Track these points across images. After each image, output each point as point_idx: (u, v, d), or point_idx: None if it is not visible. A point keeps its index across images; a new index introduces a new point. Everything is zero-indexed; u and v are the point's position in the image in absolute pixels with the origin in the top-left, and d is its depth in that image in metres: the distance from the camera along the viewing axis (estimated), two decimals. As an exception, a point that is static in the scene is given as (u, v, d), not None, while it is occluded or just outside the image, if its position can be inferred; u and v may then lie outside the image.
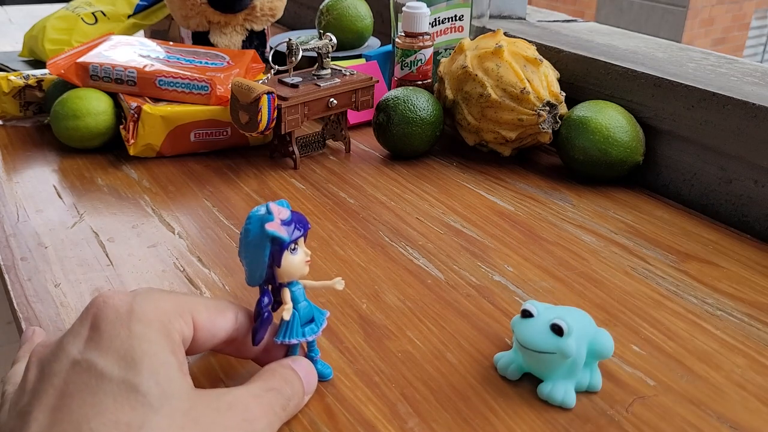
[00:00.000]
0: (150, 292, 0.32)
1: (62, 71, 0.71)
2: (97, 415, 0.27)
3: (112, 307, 0.31)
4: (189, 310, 0.33)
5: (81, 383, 0.28)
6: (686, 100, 0.61)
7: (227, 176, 0.66)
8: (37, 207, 0.60)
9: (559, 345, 0.36)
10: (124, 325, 0.30)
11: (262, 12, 0.82)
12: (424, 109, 0.68)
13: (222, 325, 0.34)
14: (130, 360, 0.29)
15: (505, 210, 0.60)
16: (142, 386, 0.28)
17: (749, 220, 0.58)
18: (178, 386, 0.29)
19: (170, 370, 0.30)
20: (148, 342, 0.30)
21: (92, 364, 0.29)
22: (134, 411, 0.28)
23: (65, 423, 0.27)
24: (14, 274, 0.50)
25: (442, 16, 0.77)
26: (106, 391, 0.28)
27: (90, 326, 0.30)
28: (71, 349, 0.30)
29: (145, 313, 0.31)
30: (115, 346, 0.29)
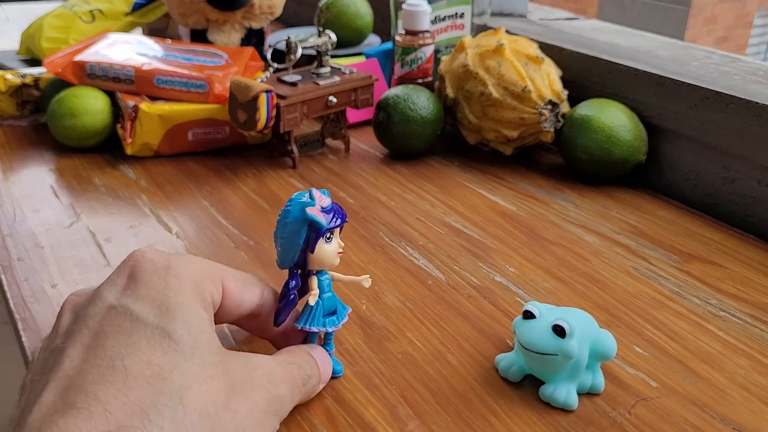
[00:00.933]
0: (185, 255, 0.34)
1: (59, 70, 0.70)
2: (131, 354, 0.28)
3: (150, 260, 0.32)
4: (220, 276, 0.34)
5: (116, 325, 0.29)
6: (689, 99, 0.61)
7: (225, 176, 0.66)
8: (34, 207, 0.59)
9: (562, 346, 0.36)
10: (160, 277, 0.31)
11: (261, 10, 0.81)
12: (424, 107, 0.68)
13: (249, 297, 0.35)
14: (164, 308, 0.30)
15: (507, 210, 0.60)
16: (175, 333, 0.29)
17: (753, 220, 0.58)
18: (208, 339, 0.30)
19: (202, 323, 0.31)
20: (183, 295, 0.31)
21: (128, 309, 0.30)
22: (166, 355, 0.29)
23: (98, 358, 0.28)
24: (11, 274, 0.49)
25: (442, 13, 0.77)
26: (140, 333, 0.29)
27: (128, 276, 0.31)
28: (108, 296, 0.31)
29: (180, 271, 0.32)
30: (151, 295, 0.30)
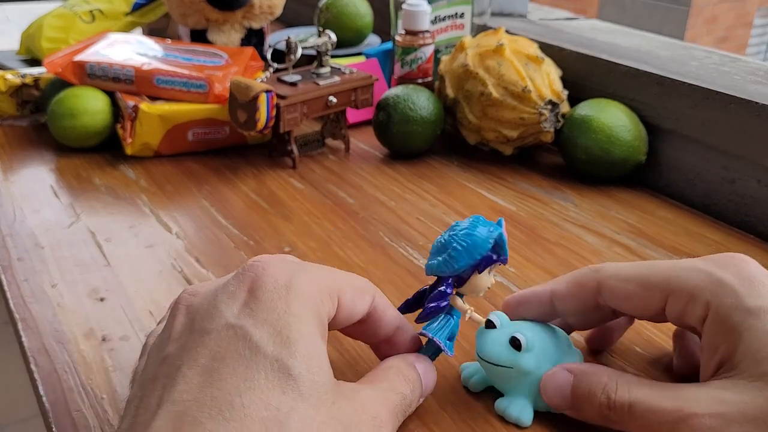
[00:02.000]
0: (307, 266, 0.31)
1: (59, 70, 0.70)
2: (248, 390, 0.26)
3: (272, 276, 0.30)
4: (337, 289, 0.32)
5: (234, 350, 0.27)
6: (689, 98, 0.61)
7: (225, 176, 0.66)
8: (34, 207, 0.59)
9: (516, 360, 0.35)
10: (282, 298, 0.29)
11: (261, 10, 0.81)
12: (424, 107, 0.68)
13: (360, 307, 0.33)
14: (285, 339, 0.28)
15: (507, 210, 0.60)
16: (295, 369, 0.27)
17: (752, 220, 0.58)
18: (326, 377, 0.29)
19: (322, 358, 0.29)
20: (304, 323, 0.29)
21: (247, 333, 0.28)
22: (284, 395, 0.27)
23: (215, 389, 0.26)
24: (11, 274, 0.49)
25: (442, 13, 0.76)
26: (258, 365, 0.27)
27: (248, 291, 0.29)
28: (226, 311, 0.29)
29: (302, 290, 0.30)
30: (272, 320, 0.28)
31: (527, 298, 0.38)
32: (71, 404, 0.37)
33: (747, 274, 0.32)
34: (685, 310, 0.32)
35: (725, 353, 0.31)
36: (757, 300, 0.31)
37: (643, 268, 0.34)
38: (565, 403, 0.34)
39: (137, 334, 0.43)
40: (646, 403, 0.31)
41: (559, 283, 0.37)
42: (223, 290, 0.30)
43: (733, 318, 0.31)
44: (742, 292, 0.31)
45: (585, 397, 0.33)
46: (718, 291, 0.31)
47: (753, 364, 0.29)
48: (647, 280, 0.34)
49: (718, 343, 0.31)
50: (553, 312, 0.37)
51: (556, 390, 0.34)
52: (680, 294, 0.32)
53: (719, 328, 0.31)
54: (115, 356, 0.41)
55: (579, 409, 0.34)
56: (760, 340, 0.30)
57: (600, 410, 0.33)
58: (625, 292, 0.34)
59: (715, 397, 0.30)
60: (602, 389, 0.33)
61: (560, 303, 0.36)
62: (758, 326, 0.30)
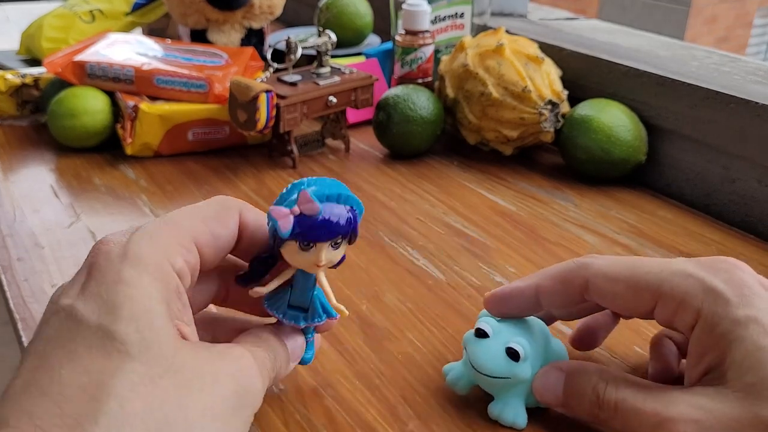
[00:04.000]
0: (147, 228, 0.30)
1: (59, 70, 0.70)
2: (69, 362, 0.26)
3: (105, 252, 0.29)
4: (189, 234, 0.31)
5: (61, 329, 0.27)
6: (689, 98, 0.61)
7: (225, 175, 0.66)
8: (34, 207, 0.59)
9: (515, 370, 0.34)
10: (114, 269, 0.28)
11: (261, 10, 0.81)
12: (424, 107, 0.68)
13: (226, 234, 0.32)
14: (110, 306, 0.27)
15: (507, 210, 0.60)
16: (119, 333, 0.27)
17: (753, 220, 0.58)
18: (160, 334, 0.27)
19: (154, 317, 0.28)
20: (135, 287, 0.28)
21: (74, 310, 0.27)
22: (107, 358, 0.26)
23: (41, 369, 0.26)
24: (11, 274, 0.49)
25: (442, 13, 0.76)
26: (81, 336, 0.27)
27: (86, 273, 0.29)
28: (62, 297, 0.28)
29: (139, 256, 0.29)
30: (100, 292, 0.28)
31: (511, 294, 0.36)
32: (71, 404, 0.37)
33: (738, 280, 0.32)
34: (674, 315, 0.32)
35: (712, 362, 0.31)
36: (746, 309, 0.30)
37: (632, 268, 0.34)
38: (557, 401, 0.34)
39: (137, 334, 0.43)
40: (629, 403, 0.31)
41: (544, 279, 0.36)
42: (71, 279, 0.30)
43: (721, 327, 0.30)
44: (733, 300, 0.31)
45: (576, 396, 0.33)
46: (708, 299, 0.31)
47: (738, 374, 0.29)
48: (636, 282, 0.33)
49: (706, 351, 0.31)
50: (537, 307, 0.36)
51: (548, 389, 0.35)
52: (670, 299, 0.32)
53: (708, 336, 0.31)
54: (115, 356, 0.41)
55: (570, 406, 0.34)
56: (746, 350, 0.29)
57: (590, 408, 0.33)
58: (613, 293, 0.34)
59: (694, 404, 0.30)
60: (592, 388, 0.33)
61: (546, 299, 0.36)
62: (746, 336, 0.30)
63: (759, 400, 0.28)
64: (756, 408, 0.28)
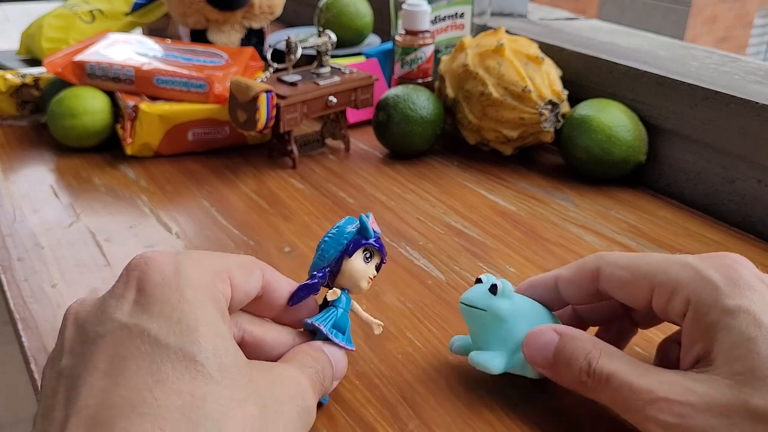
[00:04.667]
0: (191, 254, 0.31)
1: (59, 70, 0.70)
2: (158, 383, 0.26)
3: (157, 269, 0.29)
4: (226, 270, 0.32)
5: (134, 348, 0.27)
6: (689, 98, 0.61)
7: (225, 176, 0.66)
8: (34, 207, 0.59)
9: (491, 303, 0.35)
10: (173, 288, 0.28)
11: (261, 10, 0.81)
12: (424, 107, 0.68)
13: (253, 283, 0.33)
14: (185, 327, 0.27)
15: (507, 210, 0.60)
16: (200, 355, 0.27)
17: (753, 220, 0.58)
18: (234, 357, 0.28)
19: (227, 340, 0.28)
20: (201, 308, 0.28)
21: (144, 329, 0.27)
22: (195, 381, 0.26)
23: (122, 388, 0.26)
24: (11, 274, 0.49)
25: (442, 13, 0.76)
26: (162, 358, 0.26)
27: (136, 289, 0.29)
28: (116, 313, 0.28)
29: (191, 277, 0.29)
30: (166, 312, 0.28)
31: (534, 282, 0.38)
32: (71, 404, 0.37)
33: (734, 273, 0.32)
34: (668, 303, 0.33)
35: (701, 350, 0.31)
36: (737, 300, 0.30)
37: (638, 258, 0.35)
38: (545, 362, 0.34)
39: (137, 334, 0.43)
40: (623, 376, 0.31)
41: (564, 269, 0.37)
42: (110, 295, 0.29)
43: (711, 316, 0.31)
44: (725, 291, 0.31)
45: (567, 360, 0.33)
46: (699, 288, 0.31)
47: (727, 362, 0.30)
48: (638, 270, 0.34)
49: (696, 340, 0.31)
50: (558, 297, 0.37)
51: (539, 347, 0.34)
52: (664, 287, 0.33)
53: (697, 325, 0.31)
54: (115, 356, 0.41)
55: (558, 371, 0.34)
56: (735, 339, 0.30)
57: (579, 375, 0.33)
58: (619, 280, 0.34)
59: (688, 387, 0.30)
60: (585, 356, 0.33)
61: (564, 288, 0.37)
62: (735, 326, 0.30)
63: (747, 388, 0.29)
64: (744, 395, 0.29)
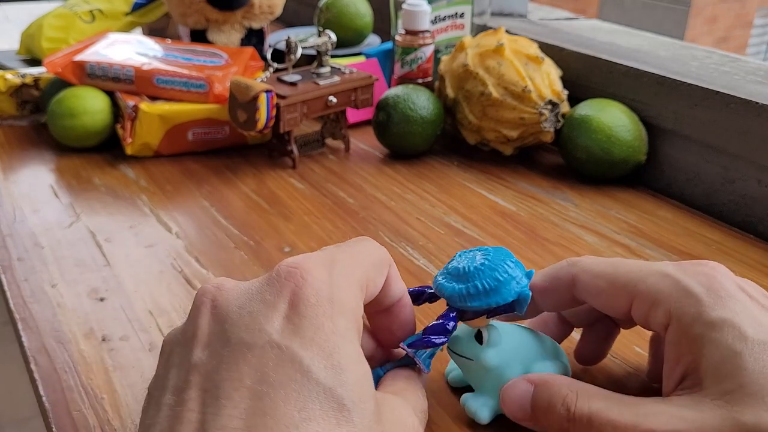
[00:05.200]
0: (343, 265, 0.29)
1: (59, 69, 0.70)
2: (305, 421, 0.25)
3: (313, 286, 0.27)
4: (366, 279, 0.30)
5: (284, 374, 0.25)
6: (689, 98, 0.61)
7: (225, 175, 0.66)
8: (34, 207, 0.59)
9: (477, 353, 0.34)
10: (327, 315, 0.27)
11: (261, 10, 0.81)
12: (424, 107, 0.68)
13: (380, 283, 0.32)
14: (336, 364, 0.26)
15: (507, 210, 0.60)
16: (347, 400, 0.26)
17: (753, 220, 0.58)
18: (374, 403, 0.27)
19: (369, 383, 0.27)
20: (351, 343, 0.27)
21: (296, 355, 0.26)
22: (339, 427, 0.25)
23: (269, 418, 0.24)
24: (11, 274, 0.49)
25: (442, 13, 0.76)
26: (312, 393, 0.25)
27: (288, 303, 0.27)
28: (267, 325, 0.26)
29: (345, 304, 0.28)
30: (319, 341, 0.26)
31: None
32: (71, 404, 0.37)
33: (715, 283, 0.31)
34: (648, 314, 0.32)
35: (688, 365, 0.30)
36: (720, 312, 0.30)
37: (615, 266, 0.34)
38: (524, 415, 0.33)
39: (137, 334, 0.43)
40: (604, 415, 0.30)
41: (538, 277, 0.36)
42: (258, 298, 0.28)
43: (694, 329, 0.30)
44: (707, 302, 0.30)
45: (545, 409, 0.32)
46: (681, 300, 0.31)
47: (715, 381, 0.29)
48: (616, 279, 0.33)
49: (680, 354, 0.30)
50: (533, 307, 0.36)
51: (515, 401, 0.33)
52: (644, 298, 0.32)
53: (681, 338, 0.30)
54: (115, 356, 0.41)
55: (539, 421, 0.33)
56: (721, 355, 0.29)
57: (560, 423, 0.31)
58: (596, 289, 0.34)
59: (674, 414, 0.29)
60: (562, 401, 0.31)
61: (539, 297, 0.36)
62: (720, 340, 0.29)
63: (738, 406, 0.28)
64: (736, 414, 0.28)
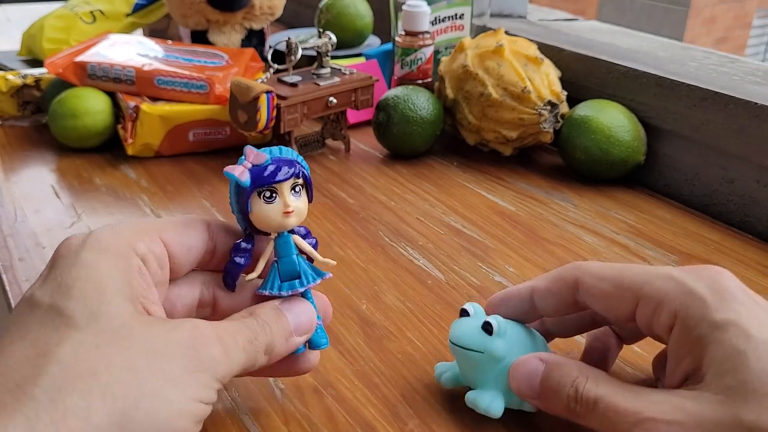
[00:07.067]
0: (115, 223, 0.32)
1: (60, 70, 0.71)
2: (20, 339, 0.27)
3: (66, 244, 0.31)
4: (156, 229, 0.32)
5: (20, 313, 0.29)
6: (688, 99, 0.61)
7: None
8: (35, 207, 0.59)
9: (487, 344, 0.34)
10: (71, 256, 0.30)
11: (261, 11, 0.82)
12: (424, 108, 0.68)
13: (194, 236, 0.33)
14: (63, 286, 0.29)
15: (506, 210, 0.60)
16: (68, 308, 0.28)
17: (751, 220, 0.58)
18: (111, 307, 0.28)
19: (106, 292, 0.29)
20: (90, 267, 0.29)
21: (33, 296, 0.29)
22: (56, 331, 0.27)
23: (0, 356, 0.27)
24: (12, 274, 0.50)
25: (442, 14, 0.77)
26: (35, 316, 0.28)
27: (49, 267, 0.31)
28: (28, 291, 0.30)
29: (99, 241, 0.30)
30: (55, 276, 0.29)
31: (509, 296, 0.37)
32: (73, 403, 0.37)
33: (721, 286, 0.31)
34: (653, 317, 0.32)
35: (690, 365, 0.30)
36: (725, 313, 0.30)
37: (620, 269, 0.34)
38: (532, 392, 0.34)
39: (138, 334, 0.43)
40: (609, 400, 0.31)
41: (539, 280, 0.36)
42: None
43: (699, 330, 0.30)
44: (712, 304, 0.30)
45: (554, 388, 0.33)
46: (687, 301, 0.31)
47: (717, 377, 0.29)
48: (621, 282, 0.33)
49: (684, 354, 0.31)
50: (533, 310, 0.36)
51: (524, 377, 0.34)
52: (650, 300, 0.32)
53: (685, 339, 0.31)
54: (117, 355, 0.41)
55: (546, 399, 0.33)
56: (725, 353, 0.29)
57: (567, 403, 0.32)
58: (600, 291, 0.34)
59: (676, 405, 0.29)
60: (572, 382, 0.32)
61: (540, 299, 0.36)
62: (724, 340, 0.29)
63: (739, 403, 0.28)
64: (736, 410, 0.28)
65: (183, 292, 0.34)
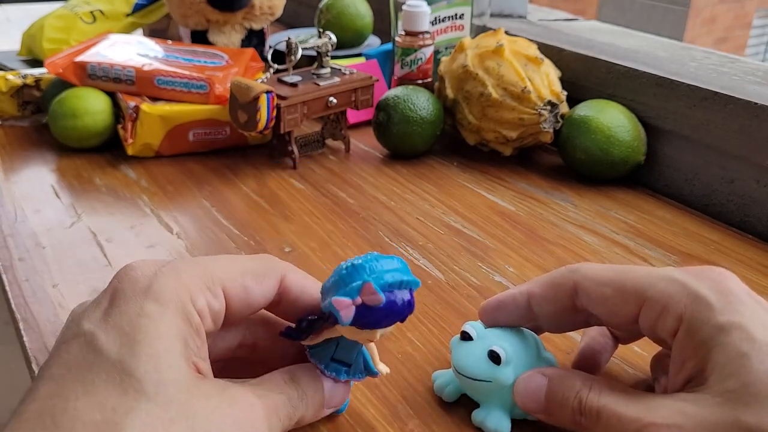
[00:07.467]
0: (176, 264, 0.30)
1: (60, 70, 0.71)
2: (86, 394, 0.26)
3: (131, 280, 0.29)
4: (219, 279, 0.31)
5: (80, 356, 0.27)
6: (688, 99, 0.61)
7: (226, 176, 0.66)
8: (35, 207, 0.59)
9: (495, 374, 0.34)
10: (137, 301, 0.29)
11: (261, 11, 0.82)
12: (424, 108, 0.68)
13: (261, 290, 0.32)
14: (131, 340, 0.27)
15: (506, 210, 0.60)
16: (138, 370, 0.27)
17: (751, 220, 0.58)
18: (177, 374, 0.28)
19: (173, 356, 0.28)
20: (156, 322, 0.28)
21: (95, 338, 0.27)
22: (125, 396, 0.26)
23: (57, 397, 0.26)
24: (12, 274, 0.50)
25: (442, 14, 0.77)
26: (100, 368, 0.27)
27: (109, 298, 0.29)
28: (84, 320, 0.29)
29: (163, 291, 0.29)
30: (122, 323, 0.28)
31: (504, 303, 0.36)
32: (73, 403, 0.37)
33: (725, 288, 0.31)
34: (658, 320, 0.32)
35: (694, 369, 0.30)
36: (730, 315, 0.30)
37: (620, 273, 0.33)
38: (538, 407, 0.34)
39: (138, 334, 0.43)
40: (611, 408, 0.31)
41: (535, 285, 0.36)
42: (92, 302, 0.30)
43: (703, 333, 0.30)
44: (717, 306, 0.30)
45: (559, 402, 0.33)
46: (692, 304, 0.31)
47: (719, 379, 0.29)
48: (623, 286, 0.33)
49: (687, 357, 0.31)
50: (530, 315, 0.36)
51: (530, 394, 0.34)
52: (654, 304, 0.32)
53: (689, 342, 0.30)
54: (117, 355, 0.41)
55: (552, 413, 0.33)
56: (728, 355, 0.29)
57: (572, 415, 0.32)
58: (602, 296, 0.33)
59: (676, 409, 0.29)
60: (575, 394, 0.32)
61: (537, 305, 0.35)
62: (728, 342, 0.29)
63: (740, 406, 0.28)
64: (737, 413, 0.28)
65: (228, 336, 0.34)
